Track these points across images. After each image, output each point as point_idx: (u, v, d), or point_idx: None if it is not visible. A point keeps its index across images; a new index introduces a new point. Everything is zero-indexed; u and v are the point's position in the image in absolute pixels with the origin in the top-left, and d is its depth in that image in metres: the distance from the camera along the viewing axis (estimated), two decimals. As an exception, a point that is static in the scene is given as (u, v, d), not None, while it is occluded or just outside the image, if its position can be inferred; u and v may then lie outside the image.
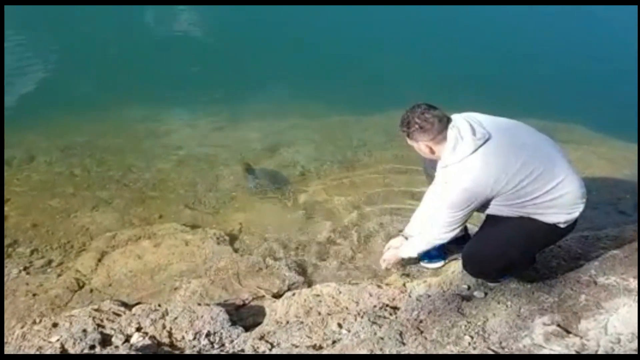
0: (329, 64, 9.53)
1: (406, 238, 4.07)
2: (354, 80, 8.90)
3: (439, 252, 4.19)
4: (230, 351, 3.21)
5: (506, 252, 3.46)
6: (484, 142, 3.24)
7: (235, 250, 4.65)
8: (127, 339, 3.30)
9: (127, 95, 8.11)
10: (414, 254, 3.94)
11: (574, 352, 2.92)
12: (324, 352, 3.12)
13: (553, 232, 3.45)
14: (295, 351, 3.14)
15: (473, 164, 3.24)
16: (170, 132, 7.14)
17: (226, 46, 9.97)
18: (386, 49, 10.04)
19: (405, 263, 4.23)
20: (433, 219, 3.56)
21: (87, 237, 4.89)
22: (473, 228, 4.06)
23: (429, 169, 3.97)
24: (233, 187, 5.83)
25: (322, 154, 6.64)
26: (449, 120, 3.30)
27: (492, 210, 3.41)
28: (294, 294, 3.82)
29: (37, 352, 3.14)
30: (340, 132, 7.30)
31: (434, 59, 9.68)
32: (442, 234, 3.54)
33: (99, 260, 4.49)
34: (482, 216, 3.64)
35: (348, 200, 5.53)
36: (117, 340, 3.27)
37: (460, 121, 3.30)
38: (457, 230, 3.50)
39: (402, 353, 3.01)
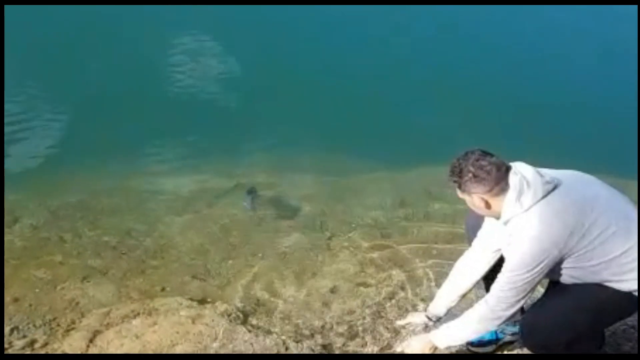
0: (357, 109, 9.63)
1: (430, 319, 3.96)
2: (388, 130, 8.97)
3: (491, 332, 4.10)
4: None
5: (573, 321, 3.34)
6: (554, 188, 3.20)
7: (250, 330, 4.60)
8: None
9: (126, 149, 8.24)
10: (457, 342, 3.77)
11: None
12: None
13: (628, 302, 3.34)
14: None
15: (544, 212, 3.16)
16: (175, 190, 7.23)
17: (237, 93, 10.15)
18: (425, 90, 10.13)
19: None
20: (489, 295, 3.43)
21: (77, 313, 4.87)
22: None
23: (471, 231, 3.89)
24: (249, 254, 5.83)
25: (351, 216, 6.65)
26: (508, 168, 3.24)
27: (560, 276, 3.32)
28: (319, 383, 3.76)
29: None
30: (372, 190, 7.31)
31: (479, 101, 9.74)
32: (500, 311, 3.37)
33: (91, 340, 4.46)
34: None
35: (382, 272, 5.47)
36: None
37: (523, 166, 3.26)
38: (520, 305, 3.37)
39: None
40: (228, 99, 9.88)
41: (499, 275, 3.35)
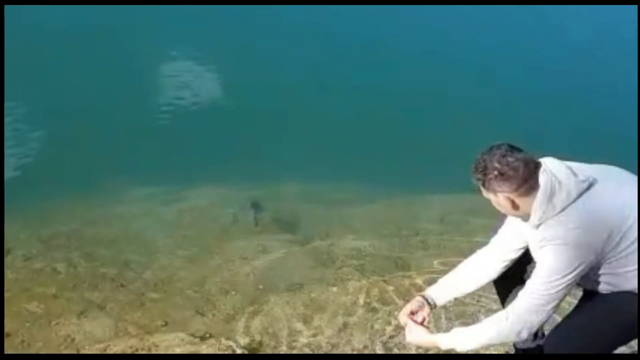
0: (368, 132, 9.63)
1: (426, 300, 3.71)
2: (404, 153, 8.96)
3: None
4: None
5: (601, 333, 3.25)
6: (589, 187, 3.10)
7: (256, 367, 4.61)
8: None
9: (124, 174, 8.25)
10: (465, 349, 3.50)
11: None
12: None
13: None
14: None
15: (579, 214, 3.06)
16: (177, 219, 7.22)
17: (241, 115, 10.17)
18: (442, 113, 10.16)
19: None
20: (515, 303, 3.27)
21: (73, 349, 4.85)
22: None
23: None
24: (253, 286, 5.83)
25: (364, 245, 6.62)
26: (537, 165, 3.11)
27: (593, 284, 3.25)
28: None
29: None
30: (386, 218, 7.31)
31: (508, 116, 9.77)
32: (527, 322, 3.20)
33: (87, 378, 4.48)
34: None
35: (396, 305, 5.43)
36: None
37: (554, 163, 3.15)
38: (549, 314, 3.21)
39: None
40: (231, 122, 9.90)
41: (528, 282, 3.23)
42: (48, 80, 10.49)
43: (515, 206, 3.16)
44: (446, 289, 3.73)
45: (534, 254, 3.31)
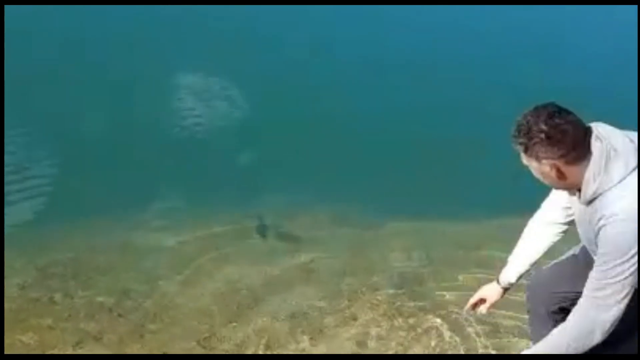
0: (378, 151, 9.61)
1: (501, 285, 3.71)
2: (414, 172, 8.94)
3: None
4: None
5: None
6: None
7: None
8: None
9: (123, 200, 8.22)
10: None
11: None
12: None
13: None
14: None
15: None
16: (176, 245, 7.20)
17: (244, 137, 10.14)
18: (455, 114, 10.17)
19: None
20: (579, 303, 2.99)
21: (66, 382, 4.82)
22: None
23: None
24: (259, 316, 5.76)
25: (374, 271, 6.59)
26: (588, 130, 2.86)
27: None
28: None
29: None
30: (396, 242, 7.28)
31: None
32: (598, 319, 2.90)
33: (82, 414, 4.41)
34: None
35: (412, 333, 5.38)
36: None
37: (607, 129, 2.90)
38: (622, 306, 2.89)
39: None
40: (234, 144, 9.86)
41: (591, 273, 2.95)
42: (46, 101, 10.47)
43: (561, 175, 2.90)
44: (514, 266, 3.67)
45: (584, 232, 3.11)
